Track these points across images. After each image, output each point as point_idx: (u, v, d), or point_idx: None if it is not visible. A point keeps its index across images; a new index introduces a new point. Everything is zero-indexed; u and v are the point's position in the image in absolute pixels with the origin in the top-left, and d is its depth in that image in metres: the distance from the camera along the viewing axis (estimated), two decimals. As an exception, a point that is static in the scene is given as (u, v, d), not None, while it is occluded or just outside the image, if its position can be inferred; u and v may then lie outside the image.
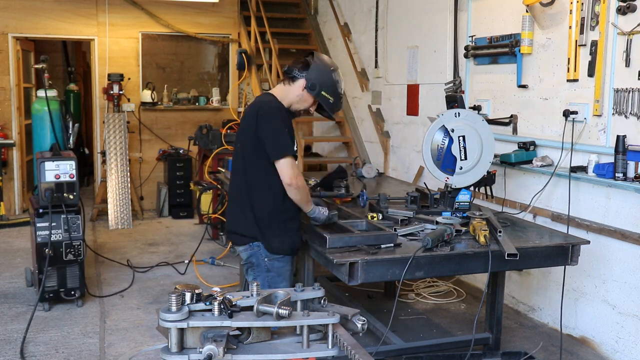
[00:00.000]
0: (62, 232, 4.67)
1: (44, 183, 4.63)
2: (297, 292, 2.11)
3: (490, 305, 3.88)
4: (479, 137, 3.69)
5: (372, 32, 7.16)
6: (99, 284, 5.42)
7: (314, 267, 3.40)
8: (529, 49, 4.64)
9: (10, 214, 7.84)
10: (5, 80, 7.79)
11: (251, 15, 8.19)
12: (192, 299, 1.95)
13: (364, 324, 2.05)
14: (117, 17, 8.18)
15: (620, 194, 3.99)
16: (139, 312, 4.79)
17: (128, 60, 8.32)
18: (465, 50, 5.33)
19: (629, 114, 3.86)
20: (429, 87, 6.09)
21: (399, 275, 2.96)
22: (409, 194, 3.65)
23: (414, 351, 3.79)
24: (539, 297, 4.78)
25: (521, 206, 4.76)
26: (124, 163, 7.77)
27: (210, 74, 9.51)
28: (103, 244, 6.73)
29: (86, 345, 4.14)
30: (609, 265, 4.11)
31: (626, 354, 4.01)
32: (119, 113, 7.88)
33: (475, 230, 3.15)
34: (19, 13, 7.77)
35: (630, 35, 3.82)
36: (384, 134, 6.97)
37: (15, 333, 4.31)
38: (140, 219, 8.01)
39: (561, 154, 4.37)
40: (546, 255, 3.23)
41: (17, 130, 7.92)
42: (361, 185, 4.51)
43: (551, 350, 4.21)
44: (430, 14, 5.99)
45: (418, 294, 5.23)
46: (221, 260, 6.08)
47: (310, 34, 8.85)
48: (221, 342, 1.85)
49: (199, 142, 7.25)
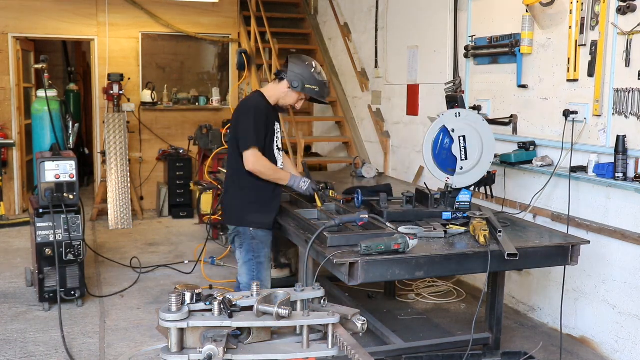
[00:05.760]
0: (62, 232, 4.67)
1: (44, 183, 4.63)
2: (297, 292, 2.12)
3: (490, 305, 3.88)
4: (480, 137, 3.69)
5: (372, 32, 7.16)
6: (99, 284, 5.42)
7: (314, 267, 3.41)
8: (529, 49, 4.64)
9: (10, 214, 7.84)
10: (5, 80, 7.79)
11: (251, 15, 8.18)
12: (192, 299, 1.96)
13: (364, 324, 2.05)
14: (117, 17, 8.18)
15: (620, 194, 3.99)
16: (139, 312, 4.79)
17: (128, 60, 8.32)
18: (465, 50, 5.33)
19: (629, 114, 3.86)
20: (429, 87, 6.09)
21: (399, 276, 2.96)
22: (404, 194, 3.65)
23: (414, 351, 3.79)
24: (539, 297, 4.78)
25: (521, 206, 4.76)
26: (124, 163, 7.77)
27: (210, 74, 9.51)
28: (103, 244, 6.73)
29: (86, 345, 4.14)
30: (608, 265, 4.11)
31: (626, 354, 4.01)
32: (119, 113, 7.88)
33: (475, 230, 3.15)
34: (19, 13, 7.77)
35: (630, 35, 3.82)
36: (384, 134, 6.97)
37: (15, 333, 4.31)
38: (140, 219, 8.01)
39: (561, 154, 4.37)
40: (546, 255, 3.23)
41: (17, 130, 7.92)
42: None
43: (551, 350, 4.21)
44: (430, 13, 5.99)
45: (418, 294, 5.23)
46: (221, 260, 6.08)
47: (310, 34, 8.85)
48: (221, 342, 1.85)
49: (199, 142, 7.26)
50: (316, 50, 8.55)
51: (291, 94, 3.66)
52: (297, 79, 3.60)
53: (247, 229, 3.62)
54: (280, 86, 3.67)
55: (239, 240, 3.67)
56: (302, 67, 3.63)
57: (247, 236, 3.64)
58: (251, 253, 3.64)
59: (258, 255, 3.65)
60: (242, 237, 3.65)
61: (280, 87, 3.67)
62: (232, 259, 6.12)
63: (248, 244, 3.64)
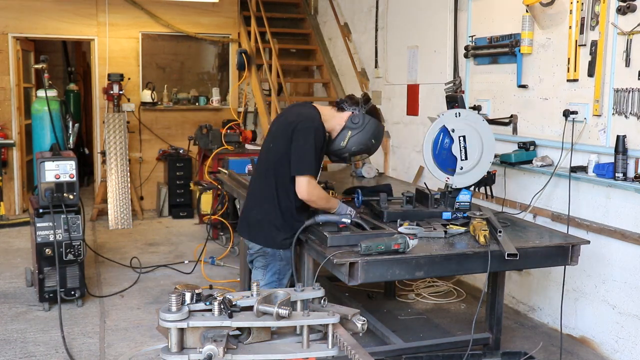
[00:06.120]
0: (62, 232, 4.67)
1: (44, 183, 4.63)
2: (297, 292, 2.11)
3: (490, 305, 3.88)
4: (480, 137, 3.68)
5: (372, 32, 7.16)
6: (99, 284, 5.42)
7: (314, 267, 3.41)
8: (529, 49, 4.64)
9: (10, 214, 7.84)
10: (5, 80, 7.79)
11: (251, 15, 8.18)
12: (192, 299, 1.95)
13: (364, 324, 2.05)
14: (117, 17, 8.18)
15: (620, 194, 3.99)
16: (139, 312, 4.79)
17: (128, 60, 8.32)
18: (465, 50, 5.33)
19: (629, 114, 3.86)
20: (429, 87, 6.09)
21: (399, 276, 2.96)
22: (404, 194, 3.65)
23: (414, 351, 3.79)
24: (539, 297, 4.78)
25: (521, 206, 4.76)
26: (124, 163, 7.77)
27: (210, 74, 9.50)
28: (103, 244, 6.73)
29: (86, 345, 4.14)
30: (608, 265, 4.10)
31: (626, 354, 4.01)
32: (119, 113, 7.88)
33: (475, 230, 3.15)
34: (19, 13, 7.77)
35: (630, 35, 3.82)
36: (384, 134, 6.96)
37: (15, 333, 4.31)
38: (140, 219, 8.01)
39: (561, 154, 4.37)
40: (546, 255, 3.23)
41: (17, 130, 7.92)
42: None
43: (551, 350, 4.21)
44: (430, 13, 5.99)
45: (418, 294, 5.23)
46: (221, 260, 6.08)
47: (310, 34, 8.84)
48: (221, 342, 1.85)
49: (199, 142, 7.25)
50: (316, 50, 8.55)
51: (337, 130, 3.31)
52: (359, 128, 3.28)
53: (277, 251, 3.31)
54: (337, 117, 3.32)
55: (264, 260, 3.35)
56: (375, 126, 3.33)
57: (275, 258, 3.33)
58: (276, 275, 3.35)
59: (283, 277, 3.37)
60: (269, 259, 3.33)
61: (337, 119, 3.32)
62: (232, 259, 6.13)
63: (276, 266, 3.34)
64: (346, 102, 3.35)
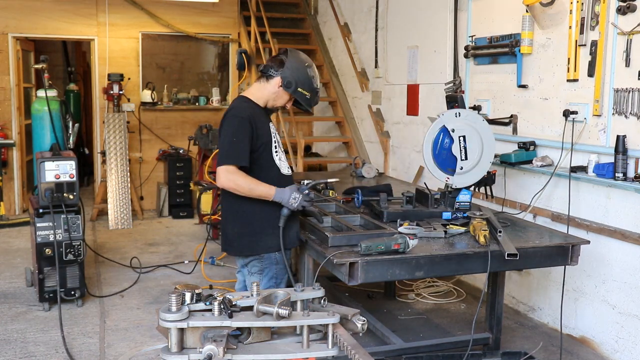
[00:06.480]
0: (62, 232, 4.67)
1: (44, 183, 4.63)
2: (297, 292, 2.12)
3: (490, 305, 3.88)
4: (480, 137, 3.68)
5: (372, 32, 7.16)
6: (99, 284, 5.42)
7: (314, 267, 3.41)
8: (529, 49, 4.64)
9: (10, 214, 7.84)
10: (5, 80, 7.79)
11: (251, 15, 8.19)
12: (192, 299, 1.96)
13: (364, 324, 2.05)
14: (117, 17, 8.18)
15: (620, 194, 3.99)
16: (139, 312, 4.79)
17: (128, 60, 8.32)
18: (465, 50, 5.33)
19: (629, 114, 3.86)
20: (429, 87, 6.09)
21: (399, 276, 2.96)
22: (404, 194, 3.65)
23: (414, 351, 3.79)
24: (539, 297, 4.78)
25: (521, 206, 4.76)
26: (124, 163, 7.77)
27: (210, 74, 9.50)
28: (103, 244, 6.73)
29: (86, 345, 4.14)
30: (608, 265, 4.10)
31: (626, 354, 4.01)
32: (119, 113, 7.88)
33: (475, 230, 3.15)
34: (19, 13, 7.77)
35: (630, 35, 3.82)
36: (384, 134, 6.97)
37: (15, 333, 4.31)
38: (140, 219, 8.01)
39: (561, 154, 4.37)
40: (546, 255, 3.23)
41: (17, 130, 7.92)
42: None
43: (551, 350, 4.21)
44: (430, 13, 5.99)
45: (418, 294, 5.23)
46: (221, 260, 6.08)
47: (310, 34, 8.85)
48: (221, 342, 1.85)
49: (199, 142, 7.25)
50: (316, 50, 8.55)
51: (282, 94, 3.20)
52: (293, 78, 3.14)
53: (273, 254, 3.16)
54: (269, 85, 3.20)
55: (259, 265, 3.20)
56: (300, 67, 3.17)
57: (272, 261, 3.18)
58: (273, 280, 3.19)
59: (281, 280, 3.22)
60: (264, 263, 3.18)
61: (269, 87, 3.20)
62: (232, 259, 6.12)
63: (272, 270, 3.19)
64: (269, 67, 3.20)
